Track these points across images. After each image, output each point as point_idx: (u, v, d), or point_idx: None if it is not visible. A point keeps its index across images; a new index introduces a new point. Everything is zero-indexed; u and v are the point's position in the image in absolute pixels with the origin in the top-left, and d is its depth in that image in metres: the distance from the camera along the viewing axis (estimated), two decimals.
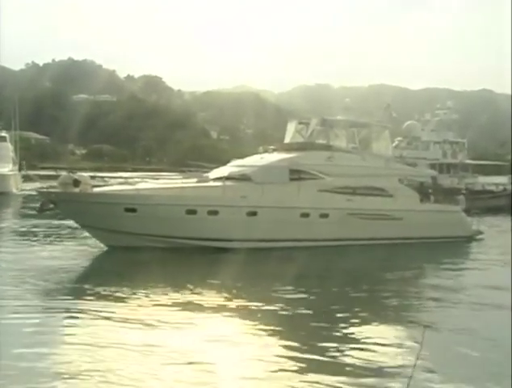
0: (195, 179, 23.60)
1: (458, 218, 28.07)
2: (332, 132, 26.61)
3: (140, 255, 19.81)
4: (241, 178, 23.11)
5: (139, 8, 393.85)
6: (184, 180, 23.38)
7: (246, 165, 24.59)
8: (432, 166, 42.98)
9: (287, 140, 27.43)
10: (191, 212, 21.67)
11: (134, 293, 14.58)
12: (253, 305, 13.96)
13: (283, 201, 23.01)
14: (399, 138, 50.61)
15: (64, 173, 22.41)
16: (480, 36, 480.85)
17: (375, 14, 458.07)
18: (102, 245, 21.81)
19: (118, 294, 14.46)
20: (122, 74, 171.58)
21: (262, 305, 13.86)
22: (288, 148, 26.15)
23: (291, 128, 27.70)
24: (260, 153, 28.44)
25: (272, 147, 27.66)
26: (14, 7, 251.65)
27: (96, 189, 22.39)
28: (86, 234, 22.79)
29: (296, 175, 23.81)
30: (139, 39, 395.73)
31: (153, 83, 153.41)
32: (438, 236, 26.17)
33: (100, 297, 14.26)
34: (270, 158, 25.11)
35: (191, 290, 15.13)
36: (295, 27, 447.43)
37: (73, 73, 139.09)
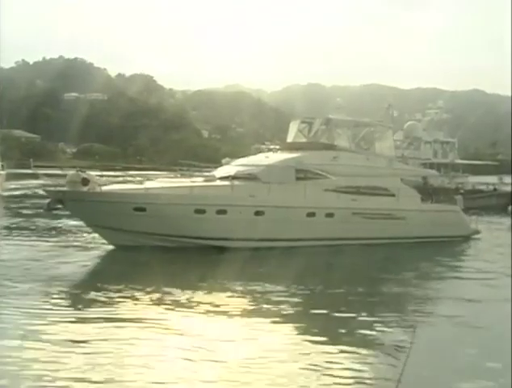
0: (201, 179, 23.55)
1: (458, 218, 28.49)
2: (335, 131, 26.76)
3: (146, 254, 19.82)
4: (249, 177, 23.18)
5: (131, 7, 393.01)
6: (192, 179, 23.27)
7: (252, 164, 24.61)
8: (423, 166, 43.17)
9: (289, 139, 27.58)
10: (200, 211, 21.64)
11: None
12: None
13: (290, 201, 23.13)
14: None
15: (72, 172, 21.74)
16: (473, 36, 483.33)
17: (370, 15, 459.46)
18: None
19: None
20: (113, 73, 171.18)
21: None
22: (293, 147, 26.29)
23: (293, 127, 27.82)
24: (256, 152, 28.52)
25: (276, 146, 27.74)
26: (5, 6, 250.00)
27: (105, 188, 22.05)
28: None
29: (302, 174, 23.95)
30: (130, 38, 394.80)
31: (144, 82, 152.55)
32: (439, 235, 26.58)
33: None
34: (276, 158, 25.20)
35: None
36: (289, 27, 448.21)
37: (63, 72, 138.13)
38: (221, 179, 23.22)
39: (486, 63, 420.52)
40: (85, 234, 23.86)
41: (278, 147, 27.50)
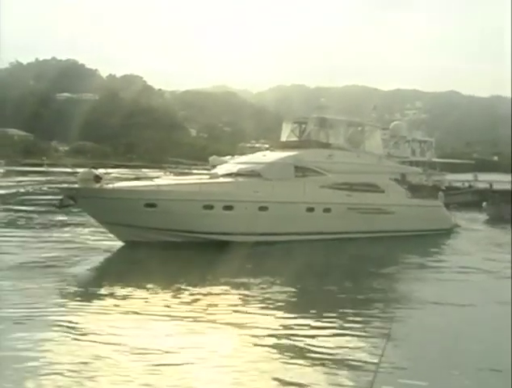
0: (207, 176, 23.89)
1: (440, 212, 29.62)
2: (327, 130, 27.24)
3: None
4: (251, 174, 23.52)
5: (121, 8, 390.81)
6: (199, 176, 23.77)
7: (253, 162, 24.94)
8: (402, 164, 43.34)
9: (283, 138, 28.14)
10: (208, 207, 21.73)
11: None
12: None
13: (291, 196, 23.50)
14: None
15: (84, 169, 21.70)
16: (453, 40, 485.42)
17: (353, 19, 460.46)
18: None
19: None
20: (104, 74, 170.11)
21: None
22: (290, 146, 26.65)
23: (287, 127, 28.42)
24: (243, 150, 28.74)
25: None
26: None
27: (116, 185, 22.08)
28: None
29: (300, 171, 24.39)
30: (120, 39, 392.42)
31: (134, 82, 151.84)
32: (424, 229, 27.35)
33: None
34: (275, 156, 25.52)
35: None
36: (275, 30, 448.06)
37: (56, 72, 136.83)
38: (224, 176, 23.52)
39: (464, 66, 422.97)
40: None
41: (271, 145, 28.18)
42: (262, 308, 13.24)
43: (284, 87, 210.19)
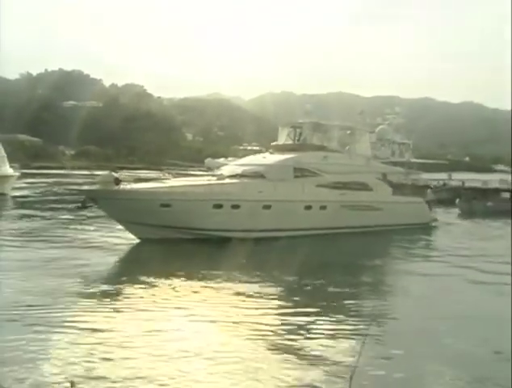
0: (215, 177, 24.02)
1: (422, 208, 30.42)
2: (322, 134, 27.53)
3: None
4: (255, 175, 23.77)
5: (122, 13, 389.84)
6: (207, 178, 23.89)
7: (255, 163, 25.15)
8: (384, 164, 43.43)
9: (279, 141, 28.41)
10: (218, 206, 21.83)
11: None
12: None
13: (291, 195, 23.75)
14: None
15: (105, 172, 22.09)
16: (430, 49, 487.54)
17: (338, 28, 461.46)
18: None
19: None
20: (107, 83, 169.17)
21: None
22: (288, 148, 26.87)
23: (282, 131, 28.73)
24: (236, 152, 28.96)
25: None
26: (10, 23, 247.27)
27: (134, 186, 22.15)
28: None
29: (299, 172, 24.66)
30: (121, 44, 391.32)
31: (134, 90, 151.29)
32: (408, 223, 28.14)
33: None
34: (275, 158, 25.76)
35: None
36: (263, 40, 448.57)
37: (63, 82, 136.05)
38: (230, 177, 23.66)
39: (439, 73, 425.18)
40: None
41: (269, 148, 28.38)
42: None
43: (273, 94, 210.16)
